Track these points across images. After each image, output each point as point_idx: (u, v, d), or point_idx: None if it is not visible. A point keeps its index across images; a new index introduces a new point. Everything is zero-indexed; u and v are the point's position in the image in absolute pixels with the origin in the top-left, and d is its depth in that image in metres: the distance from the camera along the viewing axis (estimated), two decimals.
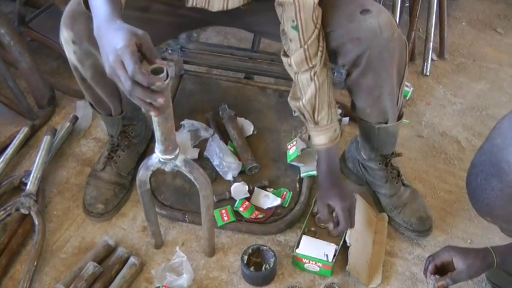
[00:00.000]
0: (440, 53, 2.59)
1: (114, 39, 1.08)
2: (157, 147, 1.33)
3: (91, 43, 1.41)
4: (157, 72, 1.09)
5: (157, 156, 1.36)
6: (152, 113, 1.14)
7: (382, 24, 1.42)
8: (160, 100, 1.09)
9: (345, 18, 1.45)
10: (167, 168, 1.40)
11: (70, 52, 1.49)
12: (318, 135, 1.60)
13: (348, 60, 1.51)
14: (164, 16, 1.54)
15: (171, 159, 1.36)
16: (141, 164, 1.46)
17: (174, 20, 1.57)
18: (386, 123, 1.66)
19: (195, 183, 1.45)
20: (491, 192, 1.12)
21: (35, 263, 1.66)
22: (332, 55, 1.54)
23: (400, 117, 1.69)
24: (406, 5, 2.57)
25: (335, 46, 1.49)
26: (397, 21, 2.44)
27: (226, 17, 1.65)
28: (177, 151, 1.36)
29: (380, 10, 1.45)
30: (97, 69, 1.52)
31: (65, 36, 1.44)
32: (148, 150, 1.99)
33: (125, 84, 1.07)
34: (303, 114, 1.59)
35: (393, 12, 2.44)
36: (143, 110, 1.15)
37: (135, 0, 1.41)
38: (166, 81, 1.10)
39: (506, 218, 1.19)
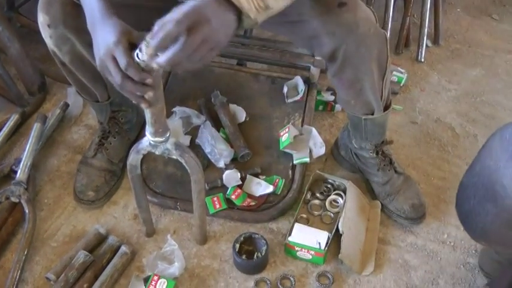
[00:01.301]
0: (435, 39, 2.57)
1: (107, 34, 1.11)
2: (148, 129, 1.32)
3: (66, 27, 1.43)
4: None
5: (148, 139, 1.36)
6: (143, 105, 1.17)
7: (358, 19, 1.39)
8: (151, 93, 1.12)
9: (322, 9, 1.41)
10: (158, 152, 1.39)
11: (46, 37, 1.49)
12: None
13: (323, 53, 1.48)
14: (148, 1, 1.52)
15: (161, 142, 1.35)
16: (132, 148, 1.45)
17: (159, 4, 1.55)
18: (372, 114, 1.65)
19: (186, 167, 1.44)
20: (486, 217, 1.07)
21: (26, 252, 1.66)
22: (307, 45, 1.52)
23: (387, 108, 1.67)
24: None
25: (310, 36, 1.46)
26: (392, 6, 2.43)
27: None
28: (168, 134, 1.35)
29: (357, 4, 1.41)
30: (75, 54, 1.53)
31: (41, 20, 1.45)
32: (140, 137, 1.96)
33: (115, 78, 1.10)
34: None
35: None
36: (134, 101, 1.16)
37: None
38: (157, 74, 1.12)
39: (502, 242, 1.14)
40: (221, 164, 1.86)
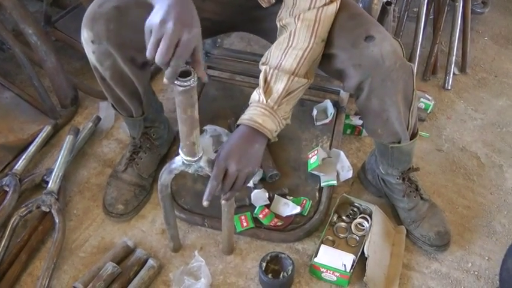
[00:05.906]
0: (462, 67, 2.58)
1: (179, 14, 1.11)
2: (182, 148, 1.34)
3: (110, 43, 1.46)
4: (185, 75, 1.15)
5: (181, 158, 1.38)
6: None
7: (385, 54, 1.40)
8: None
9: (349, 42, 1.43)
10: (191, 170, 1.40)
11: (89, 52, 1.53)
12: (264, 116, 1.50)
13: (351, 85, 1.50)
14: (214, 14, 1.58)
15: (195, 161, 1.37)
16: (164, 168, 1.46)
17: (217, 18, 1.60)
18: (399, 142, 1.66)
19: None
20: None
21: (55, 261, 1.68)
22: (337, 76, 1.54)
23: (413, 136, 1.68)
24: (431, 17, 2.57)
25: (338, 68, 1.48)
26: (421, 33, 2.45)
27: (248, 23, 1.70)
28: (201, 153, 1.37)
29: (384, 38, 1.42)
30: (115, 70, 1.56)
31: (85, 36, 1.49)
32: (170, 153, 2.01)
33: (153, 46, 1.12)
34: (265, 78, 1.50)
35: (417, 24, 2.45)
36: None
37: None
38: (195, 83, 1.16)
39: None
40: (249, 183, 1.87)
